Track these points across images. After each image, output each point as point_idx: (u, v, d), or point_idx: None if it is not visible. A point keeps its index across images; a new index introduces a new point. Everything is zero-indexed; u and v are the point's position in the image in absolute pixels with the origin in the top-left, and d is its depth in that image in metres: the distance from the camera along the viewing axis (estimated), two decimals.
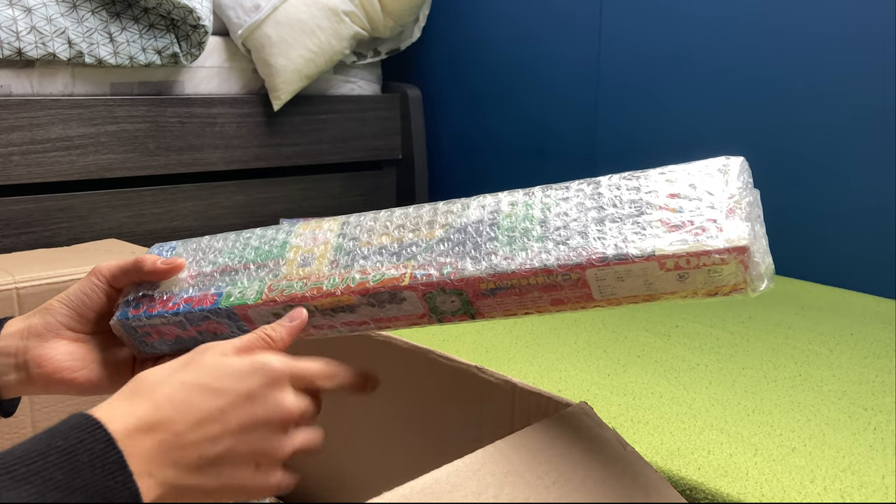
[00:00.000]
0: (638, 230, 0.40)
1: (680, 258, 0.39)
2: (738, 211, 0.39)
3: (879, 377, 0.72)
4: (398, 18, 1.64)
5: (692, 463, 0.54)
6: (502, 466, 0.38)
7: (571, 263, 0.41)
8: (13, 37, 1.19)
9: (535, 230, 0.44)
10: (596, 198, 0.44)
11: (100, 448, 0.37)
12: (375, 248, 0.49)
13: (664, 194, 0.42)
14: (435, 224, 0.48)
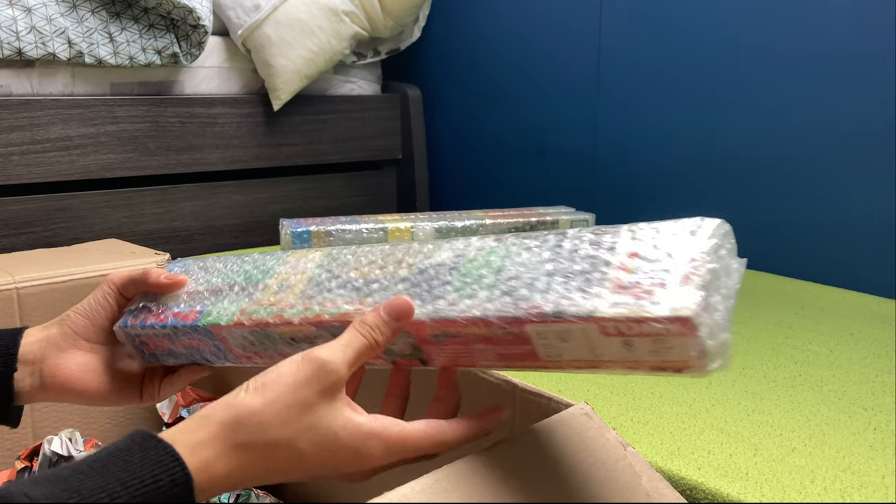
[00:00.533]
0: (585, 287, 0.38)
1: (620, 322, 0.35)
2: (694, 277, 0.36)
3: (879, 377, 0.72)
4: (398, 18, 1.64)
5: (692, 463, 0.54)
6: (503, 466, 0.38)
7: (509, 316, 0.39)
8: (13, 37, 1.19)
9: (488, 278, 0.42)
10: (556, 250, 0.42)
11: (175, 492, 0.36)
12: (343, 281, 0.49)
13: (625, 253, 0.39)
14: (403, 263, 0.47)
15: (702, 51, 1.30)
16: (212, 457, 0.38)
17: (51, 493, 0.34)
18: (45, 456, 0.75)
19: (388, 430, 0.40)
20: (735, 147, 1.27)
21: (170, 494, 0.35)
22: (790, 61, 1.18)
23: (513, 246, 0.44)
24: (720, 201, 1.30)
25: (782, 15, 1.18)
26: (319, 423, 0.39)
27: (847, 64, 1.12)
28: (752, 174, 1.25)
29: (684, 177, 1.35)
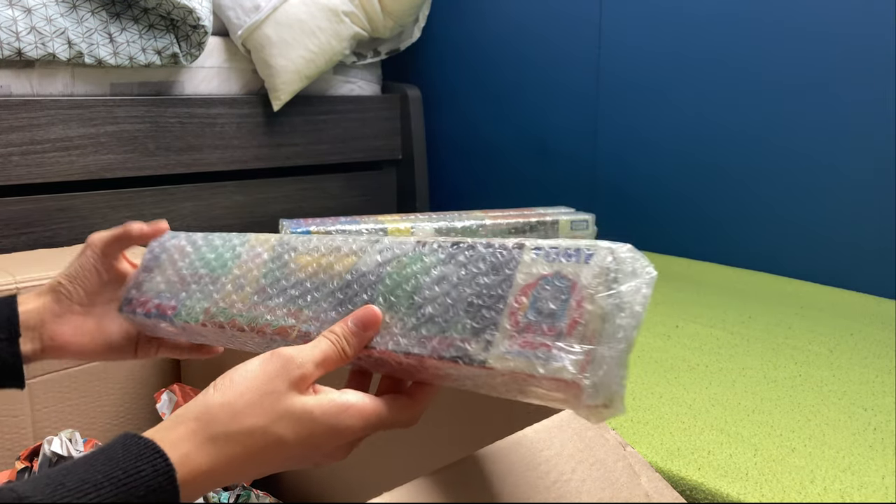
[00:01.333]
0: (481, 330, 0.40)
1: (512, 374, 0.37)
2: (579, 328, 0.36)
3: (879, 377, 0.72)
4: (398, 19, 1.64)
5: (692, 463, 0.54)
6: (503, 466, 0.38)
7: (414, 353, 0.41)
8: (13, 37, 1.19)
9: (403, 303, 0.44)
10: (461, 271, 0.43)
11: (158, 482, 0.37)
12: (283, 287, 0.51)
13: (522, 284, 0.40)
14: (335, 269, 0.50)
15: (702, 51, 1.30)
16: (192, 450, 0.38)
17: (36, 487, 0.35)
18: (45, 456, 0.76)
19: (362, 400, 0.41)
20: (734, 147, 1.27)
21: (153, 485, 0.36)
22: (790, 61, 1.18)
23: (430, 257, 0.45)
24: (719, 201, 1.30)
25: (782, 15, 1.18)
26: (293, 406, 0.40)
27: (847, 64, 1.12)
28: (752, 174, 1.25)
29: (684, 177, 1.35)
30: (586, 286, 0.37)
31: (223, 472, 0.39)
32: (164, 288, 0.59)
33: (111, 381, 0.91)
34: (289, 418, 0.39)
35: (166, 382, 0.97)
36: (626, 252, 0.39)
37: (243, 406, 0.40)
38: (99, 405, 0.90)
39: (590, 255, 0.39)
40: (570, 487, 0.38)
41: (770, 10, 1.20)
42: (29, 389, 0.84)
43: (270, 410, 0.39)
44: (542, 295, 0.39)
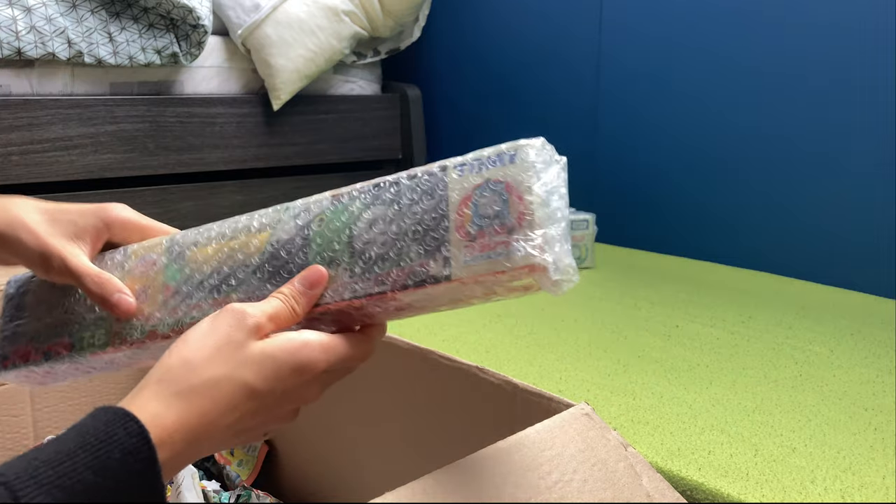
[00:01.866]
0: (435, 250, 0.42)
1: (477, 277, 0.40)
2: (527, 218, 0.40)
3: (880, 377, 0.72)
4: (398, 18, 1.64)
5: (693, 463, 0.54)
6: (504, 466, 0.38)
7: (376, 293, 0.43)
8: (13, 36, 1.19)
9: (343, 253, 0.45)
10: (394, 206, 0.44)
11: (132, 443, 0.36)
12: (197, 281, 0.49)
13: (459, 199, 0.42)
14: (250, 246, 0.48)
15: (701, 51, 1.30)
16: (160, 409, 0.38)
17: (10, 465, 0.35)
18: None
19: (319, 336, 0.42)
20: (735, 148, 1.27)
21: (128, 447, 0.36)
22: (791, 61, 1.18)
23: (351, 206, 0.47)
24: (719, 201, 1.30)
25: (783, 15, 1.18)
26: (252, 351, 0.40)
27: (848, 64, 1.12)
28: (752, 174, 1.25)
29: (683, 176, 1.35)
30: (521, 181, 0.41)
31: (198, 428, 0.39)
32: (42, 328, 0.52)
33: (112, 381, 0.91)
34: (250, 363, 0.40)
35: None
36: (540, 144, 0.42)
37: (202, 360, 0.40)
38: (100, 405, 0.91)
39: (513, 155, 0.42)
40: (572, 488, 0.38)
41: (772, 7, 1.20)
42: (30, 389, 0.85)
43: (230, 358, 0.40)
44: (481, 202, 0.42)
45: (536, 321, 0.88)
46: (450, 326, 0.85)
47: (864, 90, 1.10)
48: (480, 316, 0.90)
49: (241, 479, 0.81)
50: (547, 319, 0.89)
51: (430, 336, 0.82)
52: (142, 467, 0.36)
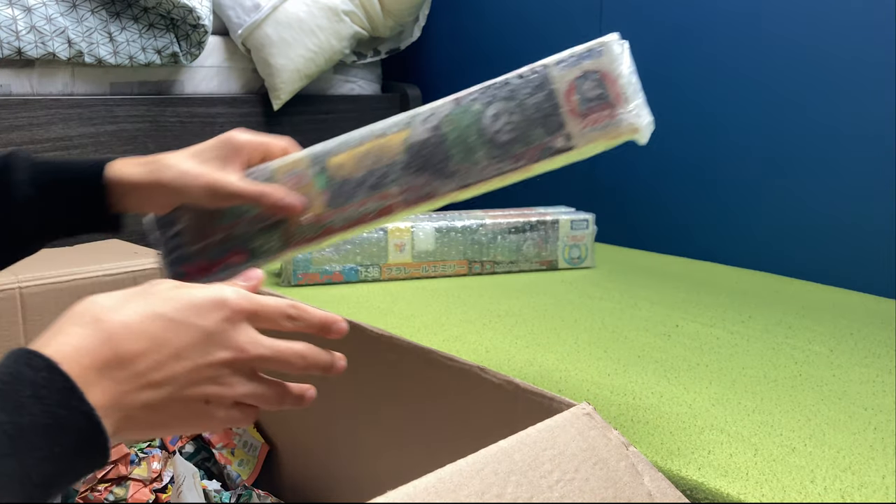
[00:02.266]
0: (556, 127, 0.56)
1: (593, 144, 0.57)
2: (622, 96, 0.55)
3: (879, 377, 0.72)
4: (398, 18, 1.64)
5: (692, 463, 0.55)
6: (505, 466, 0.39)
7: (517, 167, 0.56)
8: (13, 36, 1.19)
9: (478, 143, 0.57)
10: (515, 101, 0.58)
11: (42, 377, 0.34)
12: (358, 178, 0.59)
13: (565, 89, 0.57)
14: (391, 146, 0.59)
15: (701, 51, 1.30)
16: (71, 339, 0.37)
17: None
18: None
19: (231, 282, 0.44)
20: (734, 147, 1.27)
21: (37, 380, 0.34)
22: (790, 61, 1.19)
23: (473, 105, 0.58)
24: (719, 201, 1.30)
25: (782, 15, 1.19)
26: (164, 288, 0.41)
27: (848, 64, 1.12)
28: (752, 174, 1.25)
29: (683, 177, 1.36)
30: (612, 70, 0.55)
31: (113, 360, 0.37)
32: (211, 246, 0.62)
33: None
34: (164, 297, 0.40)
35: None
36: (617, 38, 0.56)
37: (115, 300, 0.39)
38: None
39: (600, 50, 0.56)
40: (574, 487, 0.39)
41: (770, 11, 1.20)
42: None
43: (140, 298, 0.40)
44: (583, 89, 0.56)
45: (536, 321, 0.88)
46: (450, 326, 0.86)
47: (865, 90, 1.11)
48: (481, 316, 0.90)
49: (241, 478, 0.82)
50: (547, 319, 0.89)
51: (430, 336, 0.82)
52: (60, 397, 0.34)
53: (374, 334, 0.66)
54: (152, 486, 0.83)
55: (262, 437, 0.86)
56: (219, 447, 0.84)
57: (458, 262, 1.10)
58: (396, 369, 0.65)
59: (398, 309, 0.93)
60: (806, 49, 1.16)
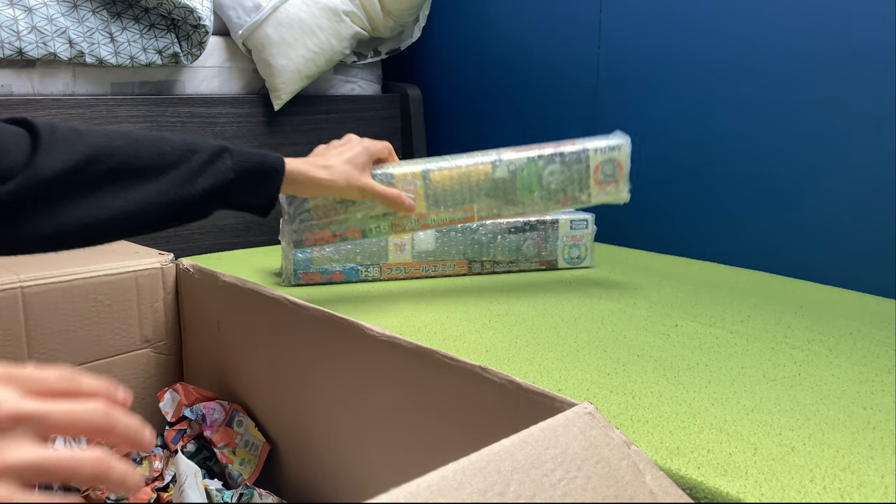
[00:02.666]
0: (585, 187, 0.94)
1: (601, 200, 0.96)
2: (623, 176, 0.95)
3: (878, 376, 0.72)
4: (398, 18, 1.65)
5: (692, 462, 0.55)
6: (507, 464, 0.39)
7: (554, 206, 0.95)
8: (14, 36, 1.19)
9: (536, 186, 0.93)
10: (563, 165, 0.93)
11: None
12: (451, 192, 0.90)
13: (594, 166, 0.93)
14: (479, 175, 0.92)
15: (701, 52, 1.30)
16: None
17: None
18: None
19: None
20: (734, 147, 1.28)
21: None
22: (790, 62, 1.19)
23: (539, 162, 0.93)
24: (719, 201, 1.31)
25: (782, 16, 1.19)
26: None
27: (848, 62, 1.12)
28: (752, 174, 1.26)
29: (683, 177, 1.36)
30: (623, 161, 0.94)
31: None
32: (334, 223, 0.87)
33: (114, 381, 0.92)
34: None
35: (169, 382, 0.98)
36: (627, 140, 0.94)
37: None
38: None
39: (618, 146, 0.94)
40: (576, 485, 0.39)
41: (770, 11, 1.20)
42: None
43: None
44: (605, 169, 0.93)
45: (536, 320, 0.89)
46: (450, 326, 0.86)
47: (865, 89, 1.11)
48: (481, 315, 0.91)
49: (243, 477, 0.82)
50: (547, 319, 0.89)
51: (431, 335, 0.83)
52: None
53: (375, 334, 0.67)
54: (154, 485, 0.83)
55: (263, 436, 0.86)
56: (220, 446, 0.84)
57: (458, 261, 1.10)
58: (397, 369, 0.66)
59: (398, 309, 0.93)
60: (806, 48, 1.17)
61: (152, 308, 0.95)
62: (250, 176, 0.72)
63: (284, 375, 0.82)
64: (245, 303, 0.86)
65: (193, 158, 0.66)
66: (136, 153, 0.62)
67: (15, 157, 0.54)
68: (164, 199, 0.64)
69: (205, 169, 0.67)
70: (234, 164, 0.70)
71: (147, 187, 0.62)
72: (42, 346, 0.85)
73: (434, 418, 0.63)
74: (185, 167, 0.65)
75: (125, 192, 0.61)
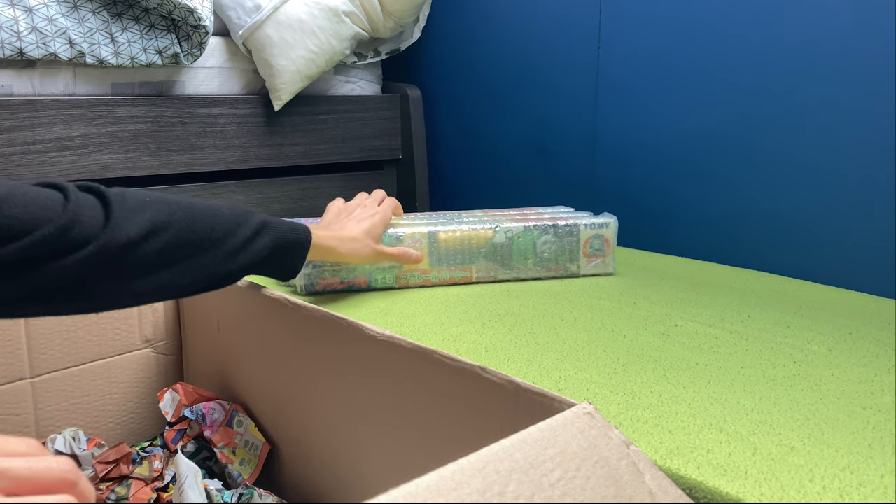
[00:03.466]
0: (573, 258, 1.07)
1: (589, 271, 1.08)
2: (609, 251, 1.09)
3: (878, 376, 0.72)
4: (398, 19, 1.65)
5: (691, 462, 0.55)
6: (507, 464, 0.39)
7: (546, 276, 1.06)
8: (14, 37, 1.19)
9: (530, 253, 1.04)
10: (556, 237, 1.05)
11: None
12: (454, 252, 1.01)
13: (584, 240, 1.06)
14: (479, 239, 1.02)
15: (701, 52, 1.30)
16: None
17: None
18: None
19: None
20: (734, 146, 1.28)
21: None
22: (788, 63, 1.19)
23: (534, 231, 1.04)
24: (719, 201, 1.31)
25: (782, 15, 1.19)
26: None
27: (848, 61, 1.12)
28: (751, 173, 1.26)
29: (682, 176, 1.36)
30: (610, 237, 1.07)
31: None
32: (343, 270, 0.97)
33: (114, 380, 0.92)
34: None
35: (169, 382, 0.98)
36: (614, 219, 1.07)
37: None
38: (102, 404, 0.91)
39: (606, 224, 1.07)
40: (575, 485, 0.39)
41: (770, 10, 1.20)
42: (32, 388, 0.85)
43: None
44: (593, 244, 1.05)
45: (536, 321, 0.89)
46: (450, 325, 0.86)
47: (864, 90, 1.11)
48: (481, 315, 0.91)
49: (243, 477, 0.82)
50: (546, 319, 0.89)
51: (431, 335, 0.83)
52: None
53: (375, 334, 0.67)
54: (154, 485, 0.84)
55: (263, 436, 0.86)
56: (220, 446, 0.84)
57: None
58: (397, 369, 0.66)
59: (398, 309, 0.93)
60: (805, 48, 1.17)
61: (152, 308, 0.95)
62: (282, 252, 0.76)
63: (284, 375, 0.82)
64: (245, 303, 0.86)
65: (239, 233, 0.71)
66: (191, 226, 0.66)
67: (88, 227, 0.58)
68: (205, 274, 0.68)
69: (246, 246, 0.71)
70: (271, 241, 0.74)
71: (193, 263, 0.67)
72: (42, 346, 0.85)
73: (433, 418, 0.63)
74: (231, 242, 0.70)
75: (172, 268, 0.65)
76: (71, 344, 0.87)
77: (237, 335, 0.89)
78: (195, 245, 0.67)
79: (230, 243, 0.70)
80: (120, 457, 0.83)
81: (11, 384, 0.83)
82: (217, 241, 0.69)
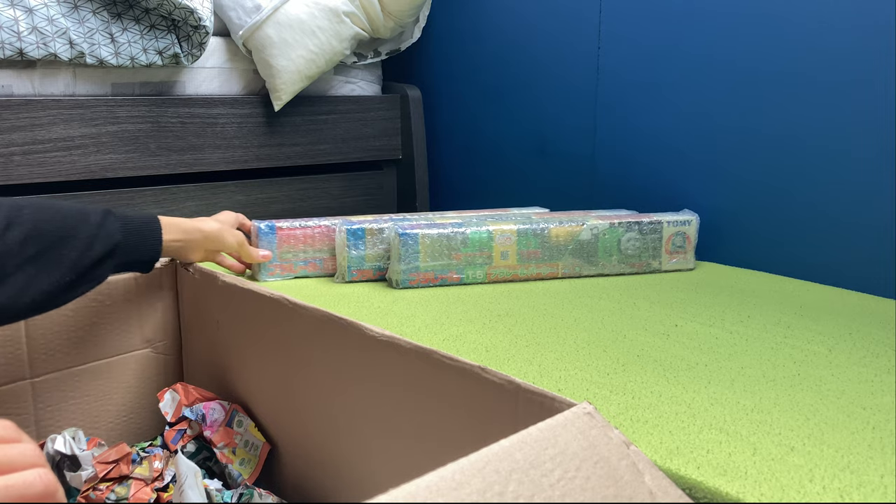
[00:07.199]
0: (656, 254, 1.14)
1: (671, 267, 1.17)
2: (691, 246, 1.16)
3: (878, 376, 0.72)
4: (398, 19, 1.65)
5: (691, 462, 0.55)
6: (507, 464, 0.39)
7: (629, 271, 1.13)
8: (14, 37, 1.19)
9: (615, 250, 1.11)
10: (640, 234, 1.12)
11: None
12: (540, 248, 1.07)
13: (667, 237, 1.14)
14: (566, 235, 1.08)
15: (701, 51, 1.30)
16: None
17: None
18: (48, 454, 0.76)
19: None
20: (734, 147, 1.28)
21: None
22: (790, 60, 1.19)
23: (619, 229, 1.11)
24: (719, 201, 1.31)
25: (782, 14, 1.19)
26: None
27: (849, 62, 1.12)
28: (751, 174, 1.26)
29: (683, 177, 1.36)
30: (691, 235, 1.15)
31: None
32: (438, 266, 1.03)
33: (114, 380, 0.92)
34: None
35: (169, 381, 0.98)
36: (693, 215, 1.16)
37: None
38: (102, 404, 0.91)
39: (689, 221, 1.15)
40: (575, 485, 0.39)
41: (770, 9, 1.20)
42: (32, 388, 0.85)
43: None
44: (675, 241, 1.14)
45: (536, 321, 0.89)
46: (450, 325, 0.86)
47: (864, 89, 1.11)
48: (481, 315, 0.91)
49: (243, 477, 0.82)
50: (547, 319, 0.89)
51: (431, 335, 0.83)
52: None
53: (375, 334, 0.67)
54: (154, 485, 0.84)
55: (263, 436, 0.86)
56: (220, 446, 0.84)
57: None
58: (397, 369, 0.66)
59: (398, 309, 0.93)
60: (806, 46, 1.17)
61: (152, 308, 0.95)
62: (135, 232, 0.77)
63: (284, 375, 0.82)
64: (245, 303, 0.86)
65: (90, 219, 0.73)
66: (44, 217, 0.69)
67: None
68: (69, 262, 0.71)
69: (99, 231, 0.73)
70: (120, 224, 0.76)
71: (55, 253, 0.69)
72: (42, 347, 0.85)
73: (434, 418, 0.63)
74: (85, 229, 0.72)
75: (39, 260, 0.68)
76: (71, 344, 0.87)
77: (237, 335, 0.89)
78: (53, 234, 0.69)
79: (84, 230, 0.72)
80: (120, 457, 0.83)
81: (11, 384, 0.83)
82: (71, 230, 0.71)
